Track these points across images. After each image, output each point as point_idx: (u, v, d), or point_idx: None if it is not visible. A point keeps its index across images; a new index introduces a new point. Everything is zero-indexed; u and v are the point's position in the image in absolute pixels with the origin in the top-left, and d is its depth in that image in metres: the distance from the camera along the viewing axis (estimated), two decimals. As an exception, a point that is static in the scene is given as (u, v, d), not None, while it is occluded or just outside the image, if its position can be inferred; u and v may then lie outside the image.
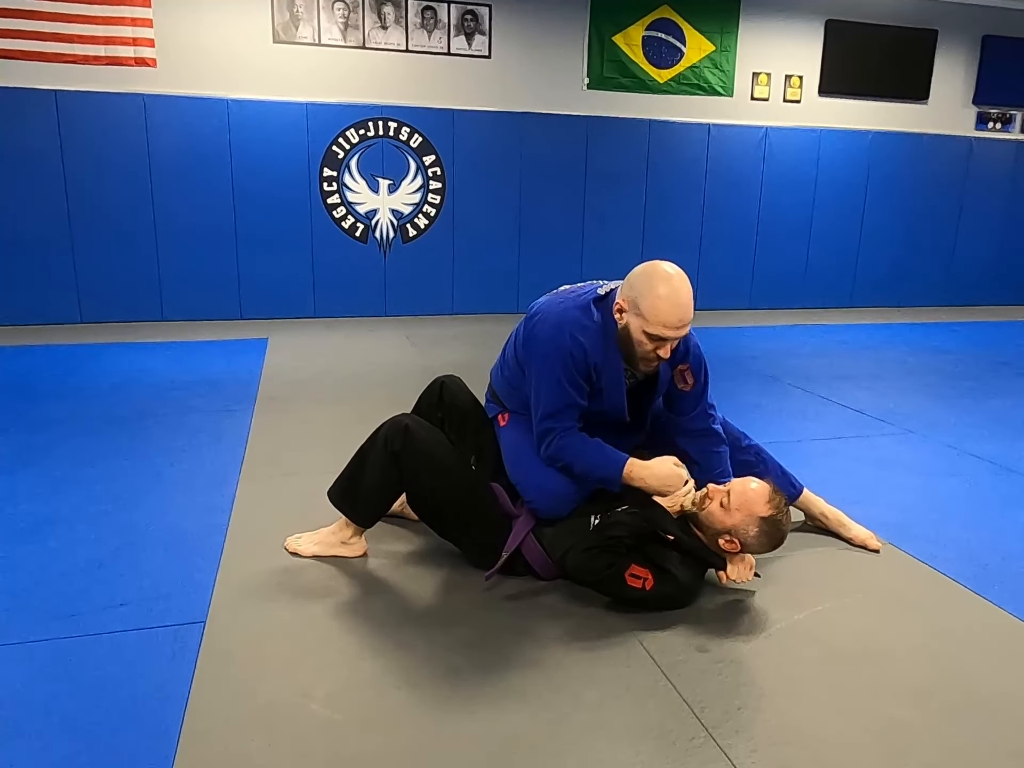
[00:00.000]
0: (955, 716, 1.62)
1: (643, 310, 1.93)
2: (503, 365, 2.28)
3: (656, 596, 1.95)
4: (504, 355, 2.29)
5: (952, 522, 2.63)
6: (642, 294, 1.94)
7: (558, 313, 2.05)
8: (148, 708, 1.58)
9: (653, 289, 1.93)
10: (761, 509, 1.97)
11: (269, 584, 2.09)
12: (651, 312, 1.92)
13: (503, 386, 2.27)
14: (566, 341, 2.00)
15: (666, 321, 1.93)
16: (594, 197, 7.04)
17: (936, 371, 5.07)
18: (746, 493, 2.00)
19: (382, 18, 6.27)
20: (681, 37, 6.97)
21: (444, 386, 2.43)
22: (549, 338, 2.03)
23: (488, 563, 2.11)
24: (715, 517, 2.01)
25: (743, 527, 1.97)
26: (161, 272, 6.14)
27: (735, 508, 1.98)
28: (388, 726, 1.55)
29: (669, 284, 1.94)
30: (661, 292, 1.92)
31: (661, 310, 1.92)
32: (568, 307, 2.06)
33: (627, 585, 1.92)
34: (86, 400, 3.88)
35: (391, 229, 6.63)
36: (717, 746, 1.50)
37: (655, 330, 1.94)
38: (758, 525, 1.97)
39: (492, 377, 2.36)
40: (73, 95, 5.68)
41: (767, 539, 2.00)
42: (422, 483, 2.12)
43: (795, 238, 7.67)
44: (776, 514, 1.98)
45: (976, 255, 8.26)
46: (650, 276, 1.96)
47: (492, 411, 2.31)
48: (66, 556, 2.23)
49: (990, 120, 8.04)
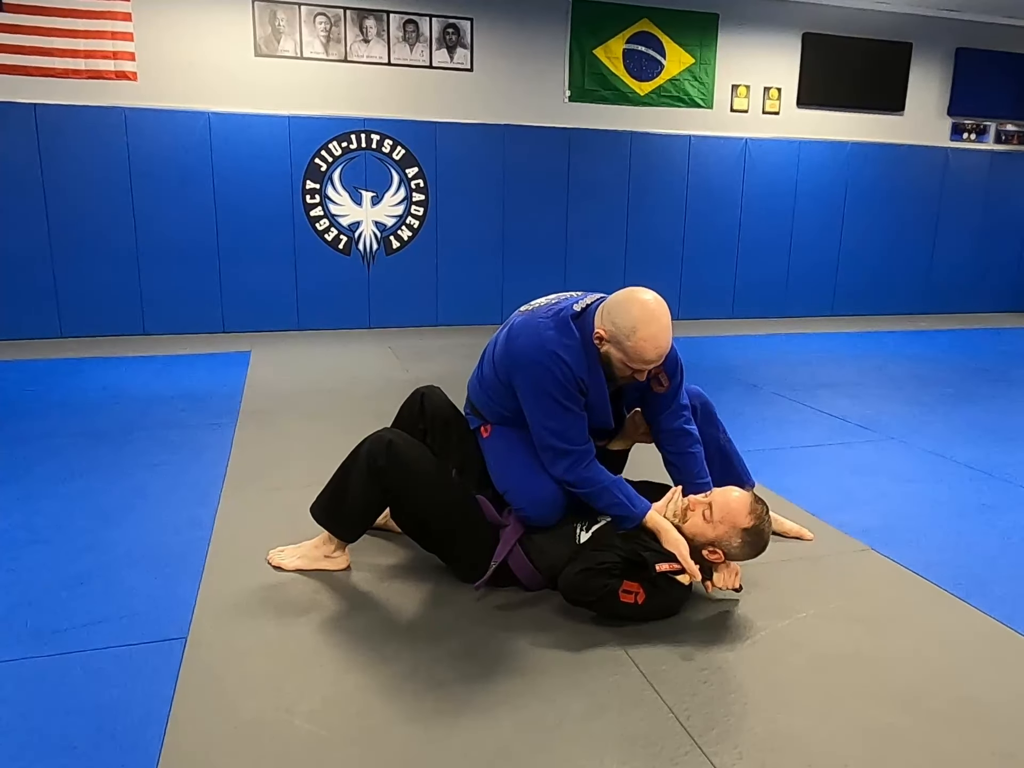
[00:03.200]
0: (942, 720, 1.63)
1: (625, 349, 1.97)
2: (481, 379, 2.27)
3: (648, 609, 1.96)
4: (482, 368, 2.27)
5: (934, 527, 2.65)
6: (625, 334, 1.95)
7: (537, 333, 2.04)
8: (128, 725, 1.56)
9: (636, 332, 1.94)
10: (743, 520, 1.98)
11: (252, 599, 2.07)
12: (633, 352, 1.96)
13: (481, 398, 2.26)
14: (550, 361, 2.00)
15: (648, 360, 1.98)
16: (577, 208, 7.08)
17: (916, 378, 5.12)
18: (728, 505, 2.01)
19: (364, 31, 6.29)
20: (661, 50, 7.05)
21: (425, 396, 2.42)
22: (533, 361, 2.02)
23: (473, 576, 2.11)
24: (697, 529, 2.01)
25: (726, 539, 1.99)
26: (143, 285, 6.10)
27: (718, 520, 1.99)
28: (374, 741, 1.54)
29: (650, 326, 1.95)
30: (643, 335, 1.94)
31: (644, 351, 1.96)
32: (546, 327, 2.04)
33: (620, 602, 1.92)
34: (67, 415, 3.84)
35: (374, 241, 6.63)
36: (703, 754, 1.50)
37: (636, 365, 1.99)
38: (740, 536, 1.98)
39: (469, 389, 2.35)
40: (53, 109, 5.65)
41: (750, 548, 2.01)
42: (406, 498, 2.10)
43: (776, 248, 7.75)
44: (758, 523, 1.99)
45: (953, 263, 8.38)
46: (632, 315, 1.95)
47: (473, 423, 2.31)
48: (46, 573, 2.20)
49: (965, 131, 8.17)
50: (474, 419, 2.30)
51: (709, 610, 2.07)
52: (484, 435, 2.25)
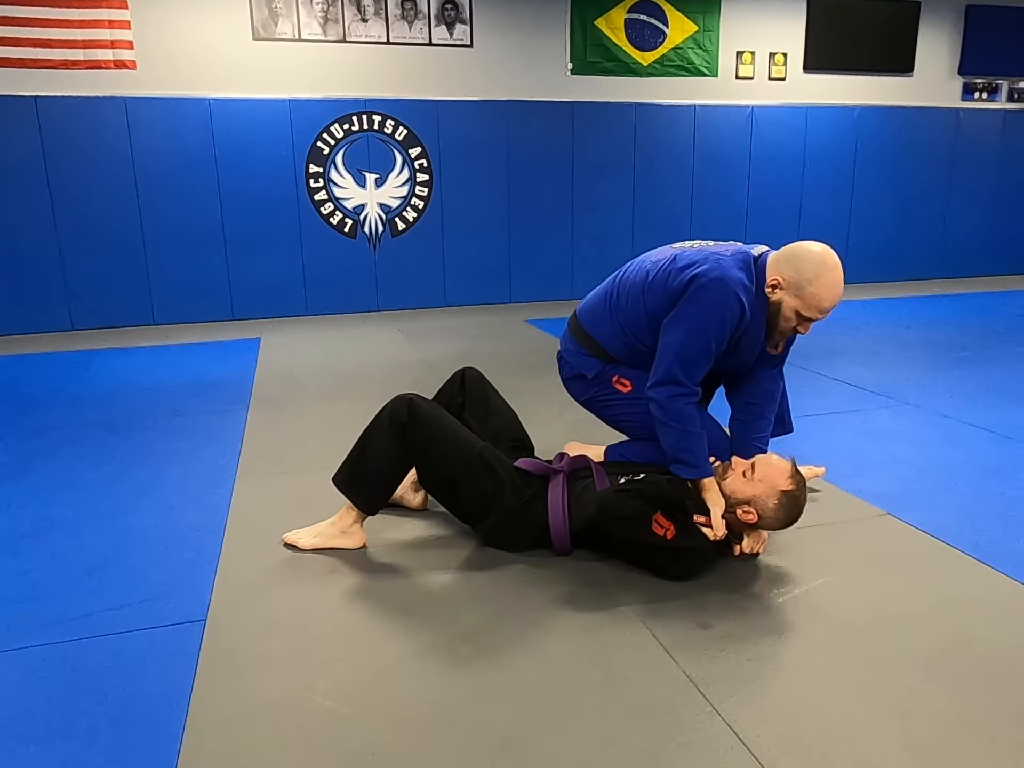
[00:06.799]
0: (964, 683, 1.61)
1: (804, 295, 2.04)
2: (614, 308, 2.29)
3: (674, 548, 1.97)
4: (616, 296, 2.30)
5: (951, 491, 2.62)
6: (808, 279, 2.03)
7: (722, 268, 2.08)
8: (151, 708, 1.57)
9: (820, 277, 2.02)
10: (783, 483, 2.02)
11: (269, 579, 2.08)
12: (812, 298, 2.04)
13: (612, 330, 2.29)
14: (731, 298, 2.05)
15: (824, 308, 2.05)
16: (582, 183, 7.00)
17: (931, 343, 5.06)
18: (770, 465, 2.07)
19: (362, 11, 6.22)
20: (663, 19, 6.93)
21: (466, 373, 2.53)
22: (718, 291, 2.05)
23: (503, 540, 2.16)
24: (736, 486, 2.07)
25: (763, 498, 2.03)
26: (150, 276, 6.10)
27: (758, 479, 2.04)
28: (395, 717, 1.54)
29: (833, 274, 2.04)
30: (826, 280, 2.02)
31: (824, 298, 2.03)
32: (733, 264, 2.10)
33: (650, 530, 1.94)
34: (80, 406, 3.86)
35: (380, 223, 6.60)
36: (723, 721, 1.50)
37: (810, 313, 2.06)
38: (777, 498, 2.02)
39: (587, 323, 2.38)
40: (54, 100, 5.63)
41: (784, 513, 2.04)
42: (432, 454, 2.12)
43: (785, 216, 7.64)
44: (796, 489, 2.03)
45: (967, 226, 8.25)
46: (815, 262, 2.04)
47: (592, 367, 2.36)
48: (66, 560, 2.22)
49: (976, 90, 8.01)
50: (590, 359, 2.35)
51: (726, 578, 2.06)
52: (622, 389, 2.32)
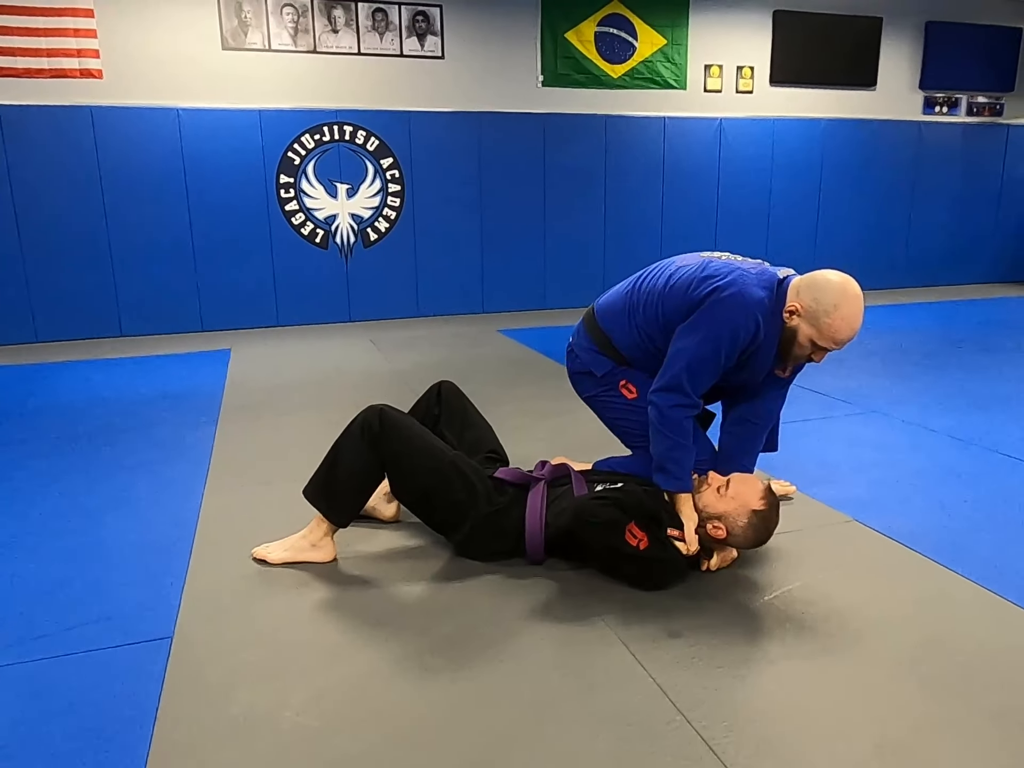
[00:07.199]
0: (935, 685, 1.64)
1: (820, 326, 2.02)
2: (632, 308, 2.29)
3: (646, 558, 1.98)
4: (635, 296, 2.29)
5: (916, 497, 2.67)
6: (826, 310, 2.01)
7: (746, 285, 2.07)
8: (117, 726, 1.54)
9: (839, 309, 2.00)
10: (754, 502, 2.03)
11: (238, 594, 2.06)
12: (828, 329, 2.02)
13: (627, 330, 2.29)
14: (747, 318, 2.04)
15: (839, 340, 2.04)
16: (554, 194, 7.05)
17: (896, 351, 5.16)
18: (744, 484, 2.07)
19: (332, 21, 6.22)
20: (632, 32, 7.02)
21: (442, 386, 2.54)
22: (735, 305, 2.04)
23: (477, 548, 2.16)
24: (708, 501, 2.07)
25: (734, 516, 2.03)
26: (118, 286, 6.02)
27: (731, 496, 2.04)
28: (366, 730, 1.53)
29: (852, 306, 2.01)
30: (844, 313, 2.00)
31: (840, 331, 2.01)
32: (756, 283, 2.09)
33: (623, 539, 1.95)
34: (46, 419, 3.79)
35: (351, 234, 6.58)
36: (693, 729, 1.51)
37: (825, 344, 2.05)
38: (748, 517, 2.02)
39: (603, 319, 2.37)
40: (17, 109, 5.54)
41: (753, 532, 2.04)
42: (404, 464, 2.12)
43: (754, 226, 7.76)
44: (767, 510, 2.04)
45: (930, 236, 8.44)
46: (835, 294, 2.01)
47: (603, 366, 2.36)
48: (30, 577, 2.17)
49: (937, 104, 8.21)
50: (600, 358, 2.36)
51: (696, 586, 2.08)
52: (628, 395, 2.33)
